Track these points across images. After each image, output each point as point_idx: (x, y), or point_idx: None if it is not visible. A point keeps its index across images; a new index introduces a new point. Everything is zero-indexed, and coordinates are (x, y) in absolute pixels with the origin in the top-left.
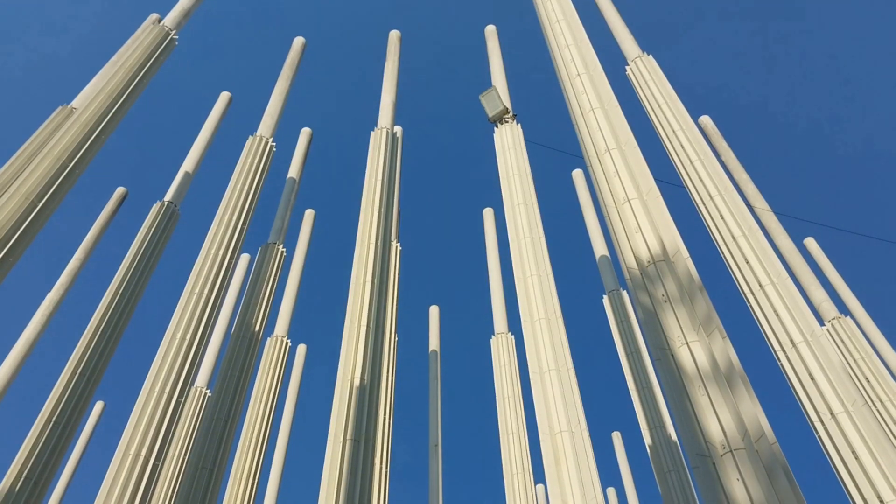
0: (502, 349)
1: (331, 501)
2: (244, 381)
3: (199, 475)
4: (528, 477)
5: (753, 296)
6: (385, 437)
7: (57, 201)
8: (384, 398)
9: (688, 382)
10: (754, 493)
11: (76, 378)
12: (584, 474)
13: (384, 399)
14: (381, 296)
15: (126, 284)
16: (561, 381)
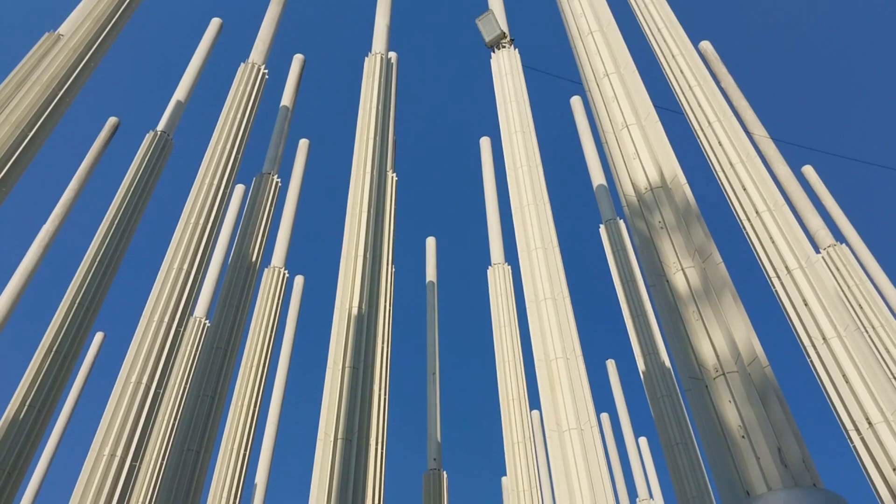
0: (499, 279)
1: (331, 426)
2: (243, 311)
3: (200, 402)
4: (523, 403)
5: (750, 223)
6: (383, 365)
7: (48, 130)
8: (382, 327)
9: (682, 307)
10: (746, 415)
11: (75, 308)
12: (578, 400)
13: (382, 328)
14: (378, 226)
15: (121, 215)
16: (557, 310)
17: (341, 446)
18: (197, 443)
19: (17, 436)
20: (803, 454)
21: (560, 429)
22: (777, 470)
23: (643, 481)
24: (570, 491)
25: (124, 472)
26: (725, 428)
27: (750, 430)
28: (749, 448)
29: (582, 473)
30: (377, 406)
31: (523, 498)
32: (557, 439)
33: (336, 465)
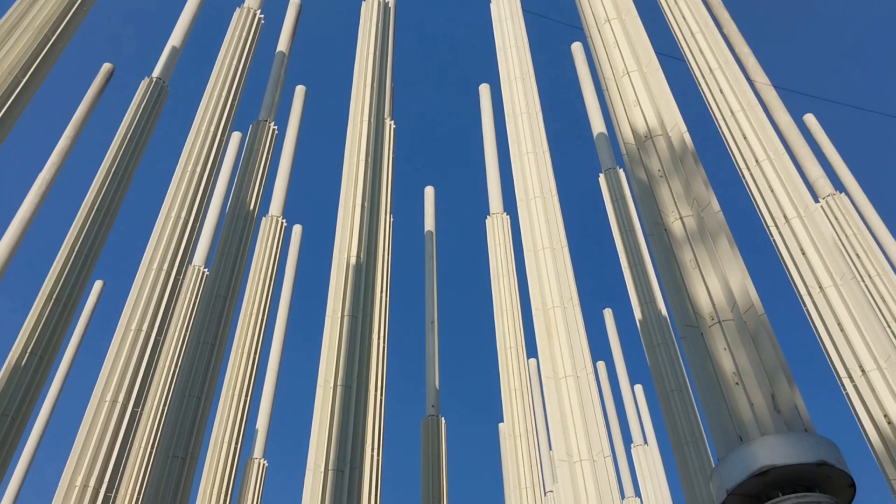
0: (497, 229)
1: (330, 373)
2: (241, 259)
3: (200, 350)
4: (521, 351)
5: (749, 171)
6: (382, 313)
7: (41, 76)
8: (381, 276)
9: (680, 256)
10: (740, 362)
11: (74, 256)
12: (574, 347)
13: (380, 277)
14: (376, 174)
15: (118, 163)
16: (555, 259)
17: (341, 393)
18: (198, 389)
19: (20, 382)
20: (796, 400)
21: (556, 376)
22: (770, 415)
23: (638, 427)
24: (565, 436)
25: (126, 417)
26: (720, 374)
27: (744, 376)
28: (743, 394)
29: (577, 419)
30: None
31: (520, 443)
32: (554, 386)
33: (336, 412)
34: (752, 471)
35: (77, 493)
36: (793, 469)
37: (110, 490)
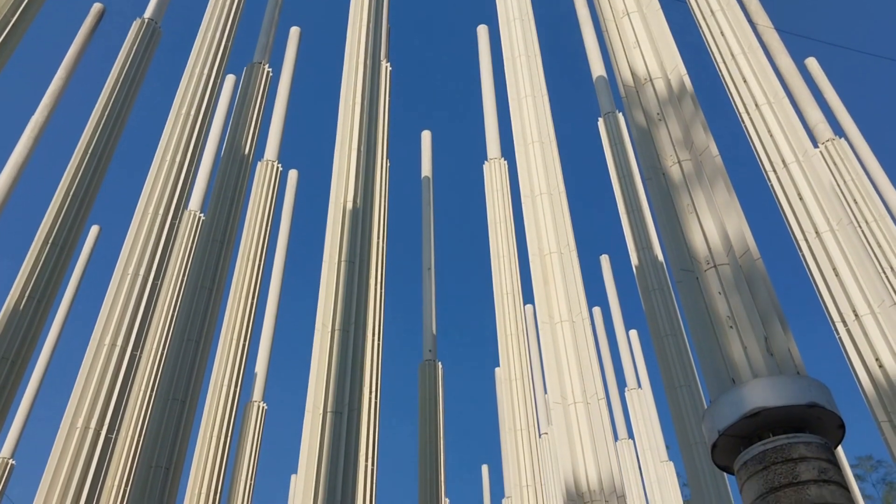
0: (495, 175)
1: (328, 317)
2: (237, 204)
3: (198, 294)
4: (517, 297)
5: (748, 115)
6: (379, 258)
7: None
8: (377, 221)
9: (677, 200)
10: (735, 305)
11: (69, 199)
12: (570, 293)
13: (377, 222)
14: (372, 117)
15: (111, 106)
16: (552, 204)
17: (338, 337)
18: (196, 333)
19: (18, 326)
20: (789, 344)
21: (552, 321)
22: (763, 358)
23: (632, 371)
24: (560, 380)
25: (125, 360)
26: (714, 318)
27: (738, 319)
28: (736, 337)
29: (572, 363)
30: (374, 298)
31: (515, 387)
32: (549, 331)
33: (334, 356)
34: (743, 412)
35: (78, 434)
36: (784, 411)
37: (111, 431)
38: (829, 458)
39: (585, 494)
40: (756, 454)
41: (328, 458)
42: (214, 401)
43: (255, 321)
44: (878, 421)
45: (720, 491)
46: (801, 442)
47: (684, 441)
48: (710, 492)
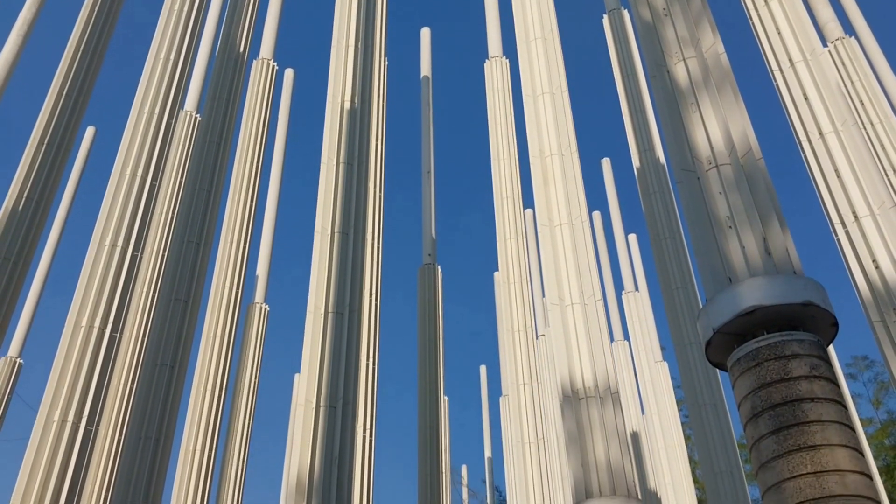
0: (496, 74)
1: (327, 220)
2: (233, 104)
3: (196, 196)
4: (517, 200)
5: (756, 11)
6: (378, 160)
7: None
8: (376, 122)
9: (681, 98)
10: (735, 205)
11: (63, 98)
12: (571, 195)
13: (376, 123)
14: (369, 12)
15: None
16: (554, 104)
17: (338, 240)
18: (196, 235)
19: (18, 227)
20: (787, 243)
21: (552, 224)
22: (760, 257)
23: (630, 275)
24: (558, 281)
25: (126, 261)
26: (714, 218)
27: (737, 219)
28: (735, 237)
29: (570, 265)
30: (372, 201)
31: (514, 290)
32: (549, 234)
33: (334, 258)
34: (739, 310)
35: (83, 332)
36: (779, 309)
37: (115, 330)
38: (821, 355)
39: (580, 391)
40: (749, 351)
41: (330, 358)
42: (217, 301)
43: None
44: (872, 321)
45: (713, 389)
46: (795, 339)
47: (679, 342)
48: (702, 390)
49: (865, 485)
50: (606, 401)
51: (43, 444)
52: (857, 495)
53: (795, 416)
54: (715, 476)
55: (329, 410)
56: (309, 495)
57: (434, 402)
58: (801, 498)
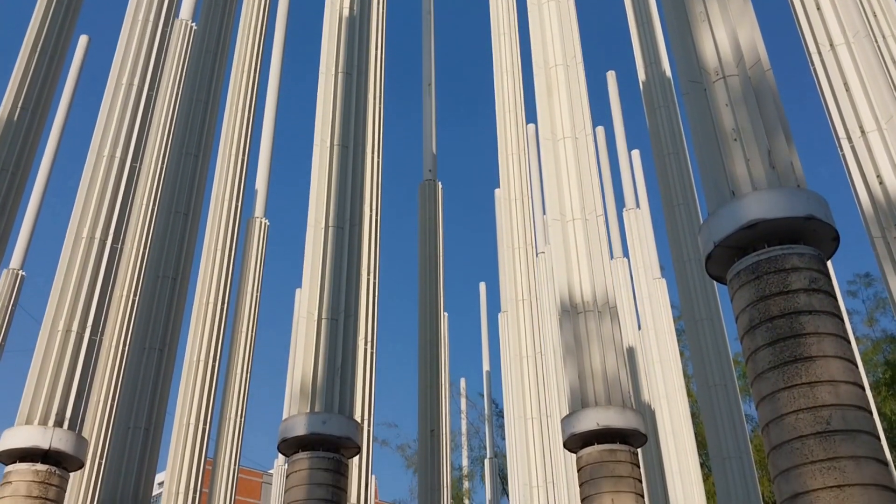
0: None
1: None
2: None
3: (194, 107)
4: (520, 114)
5: None
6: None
7: None
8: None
9: (689, 7)
10: (740, 117)
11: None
12: (575, 108)
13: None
14: None
15: None
16: (559, 12)
17: (338, 152)
18: (195, 147)
19: (15, 137)
20: (792, 157)
21: (555, 137)
22: (764, 171)
23: (632, 191)
24: (559, 196)
25: (125, 172)
26: (719, 130)
27: (743, 132)
28: (740, 150)
29: (573, 179)
30: (372, 113)
31: (514, 207)
32: (551, 147)
33: (334, 170)
34: (741, 223)
35: (84, 244)
36: (781, 222)
37: (116, 242)
38: (821, 268)
39: (579, 306)
40: (750, 264)
41: (331, 271)
42: (216, 214)
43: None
44: (872, 237)
45: (710, 305)
46: (795, 253)
47: (678, 258)
48: (699, 306)
49: (858, 395)
50: (604, 314)
51: (48, 355)
52: (850, 405)
53: (792, 328)
54: (709, 389)
55: (331, 323)
56: (312, 404)
57: (434, 318)
58: (794, 407)
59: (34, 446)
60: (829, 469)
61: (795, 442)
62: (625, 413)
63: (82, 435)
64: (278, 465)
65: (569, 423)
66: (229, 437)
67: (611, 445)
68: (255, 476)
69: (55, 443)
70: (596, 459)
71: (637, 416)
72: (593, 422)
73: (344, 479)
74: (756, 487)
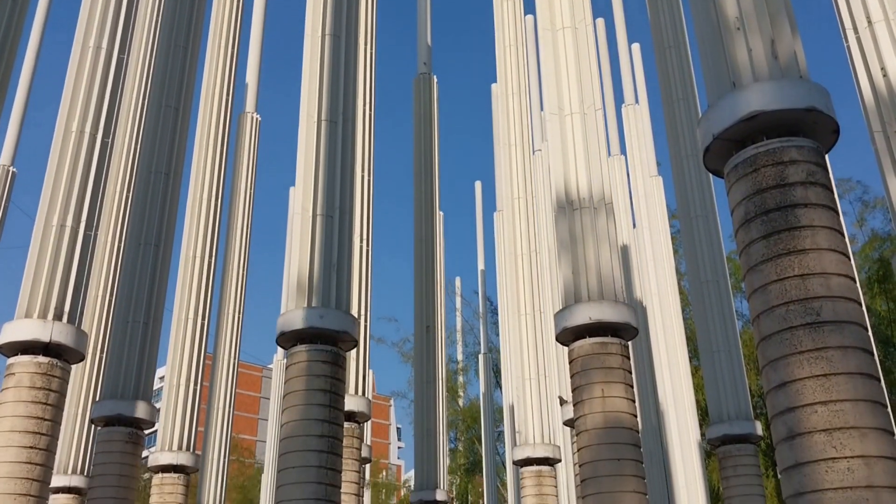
0: None
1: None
2: None
3: None
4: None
5: None
6: None
7: None
8: None
9: None
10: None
11: None
12: None
13: None
14: None
15: None
16: None
17: (330, 42)
18: (183, 39)
19: None
20: (795, 47)
21: (554, 27)
22: (767, 61)
23: (631, 87)
24: (558, 89)
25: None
26: (722, 20)
27: (746, 20)
28: (743, 39)
29: (572, 73)
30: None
31: (512, 102)
32: (550, 38)
33: (325, 63)
34: (740, 115)
35: (74, 138)
36: (781, 114)
37: (106, 136)
38: (819, 161)
39: (575, 202)
40: (747, 157)
41: (325, 166)
42: (207, 109)
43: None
44: (872, 131)
45: (705, 202)
46: (794, 146)
47: (676, 155)
48: (695, 203)
49: (849, 287)
50: (600, 210)
51: (44, 250)
52: (841, 297)
53: (787, 221)
54: (701, 285)
55: (326, 219)
56: (309, 299)
57: (429, 216)
58: (785, 299)
59: (35, 339)
60: (817, 359)
61: (785, 333)
62: (617, 307)
63: (82, 329)
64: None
65: (562, 318)
66: (228, 332)
67: (602, 339)
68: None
69: (55, 336)
70: (588, 352)
71: (629, 310)
72: (586, 316)
73: (342, 371)
74: (743, 379)
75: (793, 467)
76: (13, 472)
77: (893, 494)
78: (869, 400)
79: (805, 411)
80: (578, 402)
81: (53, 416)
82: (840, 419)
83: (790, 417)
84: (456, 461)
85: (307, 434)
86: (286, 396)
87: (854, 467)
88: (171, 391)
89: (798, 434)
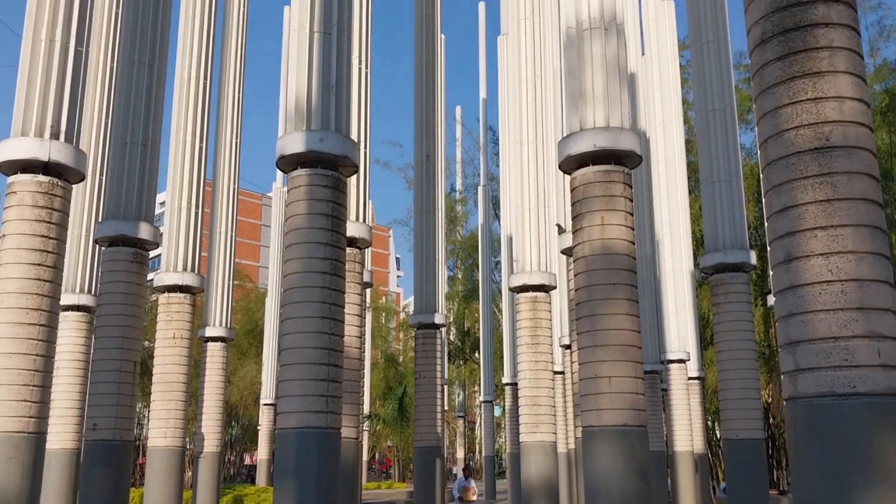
0: None
1: None
2: None
3: None
4: None
5: None
6: None
7: None
8: None
9: None
10: None
11: None
12: None
13: None
14: None
15: None
16: None
17: None
18: None
19: None
20: None
21: None
22: None
23: None
24: None
25: None
26: None
27: None
28: None
29: None
30: None
31: None
32: None
33: None
34: None
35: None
36: None
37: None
38: None
39: (584, 22)
40: None
41: None
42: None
43: None
44: None
45: (718, 26)
46: None
47: None
48: (707, 28)
49: (862, 111)
50: (611, 31)
51: (34, 66)
52: (853, 121)
53: (805, 41)
54: (707, 114)
55: (323, 37)
56: (308, 122)
57: (430, 38)
58: (795, 123)
59: (33, 157)
60: (822, 184)
61: (792, 157)
62: (622, 134)
63: (80, 148)
64: (277, 187)
65: (565, 145)
66: (226, 158)
67: (606, 167)
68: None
69: (54, 154)
70: (590, 180)
71: (634, 137)
72: (590, 143)
73: (343, 196)
74: (742, 209)
75: (788, 289)
76: (24, 288)
77: (883, 316)
78: (869, 225)
79: (804, 236)
80: (578, 230)
81: (58, 235)
82: (838, 243)
83: (789, 241)
84: (454, 288)
85: (311, 256)
86: (288, 220)
87: (847, 290)
88: (173, 214)
89: (795, 258)
